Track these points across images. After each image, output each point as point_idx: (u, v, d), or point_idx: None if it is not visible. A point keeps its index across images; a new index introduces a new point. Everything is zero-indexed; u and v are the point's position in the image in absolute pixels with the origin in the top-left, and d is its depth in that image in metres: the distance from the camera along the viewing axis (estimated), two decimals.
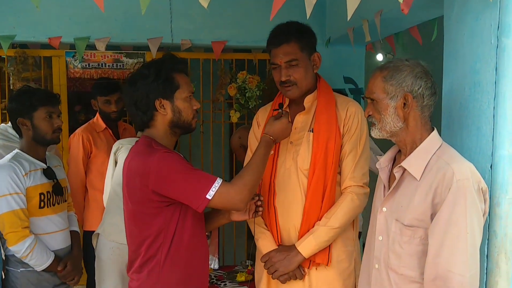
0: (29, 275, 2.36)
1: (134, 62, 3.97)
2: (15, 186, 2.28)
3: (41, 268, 2.35)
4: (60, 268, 2.41)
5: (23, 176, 2.31)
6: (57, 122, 2.46)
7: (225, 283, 3.47)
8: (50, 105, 2.44)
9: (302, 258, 2.04)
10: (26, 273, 2.36)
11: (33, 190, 2.35)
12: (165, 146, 1.86)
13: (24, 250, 2.28)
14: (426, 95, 1.58)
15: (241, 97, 3.97)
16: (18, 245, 2.27)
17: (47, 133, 2.42)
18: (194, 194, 1.75)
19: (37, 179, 2.38)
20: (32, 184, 2.35)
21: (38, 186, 2.38)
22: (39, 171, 2.42)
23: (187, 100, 1.88)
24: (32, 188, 2.35)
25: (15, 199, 2.28)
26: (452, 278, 1.44)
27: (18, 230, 2.27)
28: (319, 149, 2.05)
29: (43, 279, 2.39)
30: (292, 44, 2.03)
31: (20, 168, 2.31)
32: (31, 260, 2.31)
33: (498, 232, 1.55)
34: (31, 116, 2.39)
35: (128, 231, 1.93)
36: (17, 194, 2.29)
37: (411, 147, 1.62)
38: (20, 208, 2.29)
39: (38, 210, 2.38)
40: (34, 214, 2.36)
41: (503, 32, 1.52)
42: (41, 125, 2.40)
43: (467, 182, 1.45)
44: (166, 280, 1.83)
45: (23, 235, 2.28)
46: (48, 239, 2.41)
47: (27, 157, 2.40)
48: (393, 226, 1.61)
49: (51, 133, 2.44)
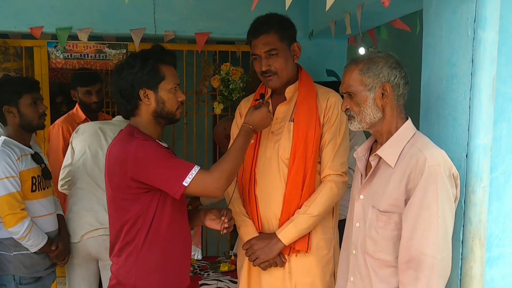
0: (22, 258, 2.44)
1: (117, 53, 3.95)
2: (10, 170, 2.36)
3: (36, 248, 2.42)
4: (54, 247, 2.49)
5: (16, 160, 2.39)
6: (42, 107, 2.53)
7: (209, 273, 3.50)
8: (34, 92, 2.50)
9: (282, 245, 2.08)
10: (19, 256, 2.43)
11: (26, 174, 2.44)
12: (147, 135, 1.89)
13: (23, 231, 2.35)
14: (401, 85, 1.62)
15: (225, 89, 3.98)
16: (17, 226, 2.34)
17: (33, 119, 2.49)
18: (171, 180, 1.78)
19: (28, 163, 2.47)
20: (25, 168, 2.44)
21: (30, 170, 2.46)
22: (29, 156, 2.48)
23: (171, 92, 1.91)
24: (25, 172, 2.43)
25: (11, 182, 2.36)
26: (424, 260, 1.49)
27: (17, 212, 2.34)
28: (299, 138, 2.08)
29: (35, 261, 2.46)
30: (271, 34, 2.07)
31: (12, 153, 2.39)
32: (29, 241, 2.39)
33: (473, 218, 1.60)
34: (17, 103, 2.44)
35: (109, 216, 1.97)
36: (13, 177, 2.37)
37: (387, 136, 1.66)
38: (16, 191, 2.37)
39: (31, 193, 2.46)
40: (28, 197, 2.44)
41: (479, 25, 1.56)
42: (27, 112, 2.47)
43: (438, 168, 1.50)
44: (143, 264, 1.88)
45: (21, 216, 2.35)
46: (41, 221, 2.48)
47: (15, 143, 2.47)
48: (370, 213, 1.66)
49: (37, 118, 2.51)
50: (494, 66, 1.56)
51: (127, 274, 1.90)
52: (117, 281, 1.93)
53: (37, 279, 2.50)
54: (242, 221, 2.19)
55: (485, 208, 1.60)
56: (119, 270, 1.92)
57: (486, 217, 1.60)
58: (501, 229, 1.66)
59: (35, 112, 2.49)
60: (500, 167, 1.64)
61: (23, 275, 2.45)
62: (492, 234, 1.64)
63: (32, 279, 2.47)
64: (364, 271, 1.68)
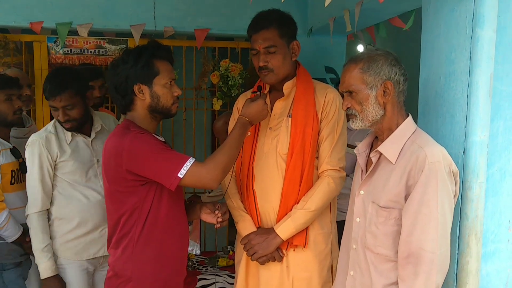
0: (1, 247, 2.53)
1: (116, 48, 3.95)
2: None
3: (12, 239, 2.51)
4: (28, 239, 2.51)
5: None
6: (17, 103, 2.59)
7: (207, 268, 3.52)
8: (8, 88, 2.56)
9: (280, 240, 2.10)
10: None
11: (6, 167, 2.51)
12: (144, 129, 1.91)
13: (1, 222, 2.43)
14: (401, 81, 1.64)
15: (224, 85, 3.99)
16: None
17: (7, 115, 2.56)
18: (166, 172, 1.80)
19: (8, 157, 2.54)
20: (5, 161, 2.52)
21: (10, 163, 2.54)
22: (8, 150, 2.56)
23: (166, 86, 1.92)
24: (5, 165, 2.51)
25: None
26: (423, 255, 1.51)
27: None
28: (297, 134, 2.10)
29: (12, 249, 2.55)
30: (271, 30, 2.07)
31: None
32: (6, 231, 2.48)
33: (470, 214, 1.62)
34: None
35: (106, 209, 2.00)
36: None
37: (388, 133, 1.68)
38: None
39: (10, 186, 2.53)
40: (7, 190, 2.52)
41: (477, 23, 1.57)
42: (1, 108, 2.53)
43: (438, 165, 1.51)
44: (139, 256, 1.90)
45: (0, 207, 2.44)
46: (17, 213, 2.54)
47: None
48: (370, 208, 1.68)
49: (12, 114, 2.57)
50: (492, 64, 1.58)
51: (124, 266, 1.92)
52: (114, 273, 1.95)
53: (18, 264, 2.60)
54: (240, 216, 2.21)
55: (481, 204, 1.62)
56: (116, 262, 1.94)
57: (482, 213, 1.62)
58: (497, 225, 1.69)
59: (9, 108, 2.54)
60: (496, 164, 1.66)
61: (4, 261, 2.56)
62: (488, 230, 1.67)
63: (13, 265, 2.58)
64: (364, 265, 1.70)
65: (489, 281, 1.69)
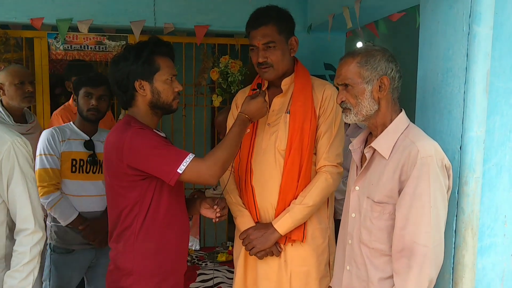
0: (56, 229, 2.69)
1: (116, 44, 3.96)
2: (49, 148, 2.62)
3: (64, 223, 2.63)
4: (81, 227, 2.64)
5: (59, 142, 2.65)
6: (92, 102, 2.72)
7: (206, 263, 3.55)
8: (89, 86, 2.72)
9: (278, 235, 2.12)
10: (54, 226, 2.69)
11: (66, 155, 2.66)
12: (145, 125, 1.93)
13: (47, 203, 2.59)
14: (396, 78, 1.66)
15: (223, 81, 4.00)
16: (43, 198, 2.57)
17: (83, 111, 2.73)
18: (166, 168, 1.82)
19: (73, 146, 2.69)
20: (67, 150, 2.67)
21: (72, 152, 2.68)
22: (79, 141, 2.68)
23: (167, 82, 1.94)
24: (66, 153, 2.66)
25: (47, 159, 2.61)
26: (417, 249, 1.52)
27: (44, 185, 2.58)
28: (295, 130, 2.12)
29: (66, 234, 2.67)
30: (270, 26, 2.09)
31: (59, 135, 2.66)
32: (55, 214, 2.62)
33: (466, 209, 1.64)
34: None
35: (107, 203, 2.02)
36: (50, 155, 2.62)
37: (381, 128, 1.69)
38: (50, 167, 2.61)
39: (70, 173, 2.67)
40: (67, 176, 2.67)
41: (474, 20, 1.59)
42: (80, 102, 2.75)
43: (430, 159, 1.53)
44: (140, 250, 1.92)
45: (47, 190, 2.59)
46: (81, 200, 2.68)
47: (74, 128, 2.73)
48: (365, 203, 1.69)
49: (86, 110, 2.72)
50: (488, 61, 1.60)
51: (125, 259, 1.94)
52: (115, 266, 1.97)
53: (70, 251, 2.69)
54: (239, 211, 2.23)
55: (477, 199, 1.64)
56: (117, 255, 1.96)
57: (478, 208, 1.64)
58: (493, 219, 1.70)
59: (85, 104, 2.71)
60: (492, 159, 1.68)
61: (55, 244, 2.69)
62: (484, 224, 1.69)
63: (64, 250, 2.69)
64: (360, 260, 1.72)
65: (485, 275, 1.71)
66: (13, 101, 2.94)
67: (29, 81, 3.02)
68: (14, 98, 2.94)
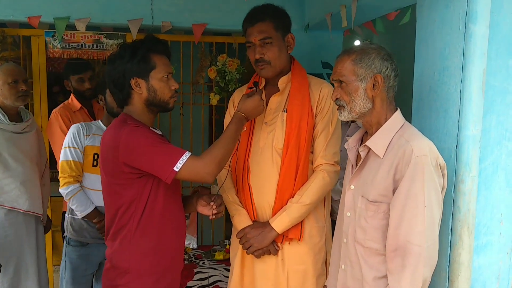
0: (72, 221, 2.83)
1: (114, 43, 3.95)
2: (74, 142, 2.77)
3: (81, 215, 2.76)
4: (96, 220, 2.75)
5: (84, 136, 2.80)
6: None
7: (204, 261, 3.55)
8: None
9: (275, 234, 2.12)
10: (70, 219, 2.83)
11: (89, 149, 2.80)
12: (141, 122, 1.93)
13: (66, 194, 2.74)
14: (392, 76, 1.65)
15: (221, 80, 4.00)
16: (62, 188, 2.76)
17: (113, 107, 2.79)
18: (162, 166, 1.82)
19: (96, 141, 2.80)
20: (90, 144, 2.80)
21: (95, 147, 2.80)
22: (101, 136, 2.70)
23: (163, 80, 1.94)
24: (89, 147, 2.80)
25: (71, 152, 2.76)
26: (410, 248, 1.52)
27: (65, 176, 2.75)
28: (292, 129, 2.12)
29: (81, 227, 2.80)
30: (266, 22, 2.10)
31: (84, 129, 2.82)
32: (73, 205, 2.76)
33: (462, 207, 1.64)
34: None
35: (104, 201, 2.03)
36: (74, 148, 2.77)
37: (376, 127, 1.69)
38: (73, 160, 2.76)
39: (92, 168, 2.79)
40: (88, 170, 2.80)
41: (471, 19, 1.59)
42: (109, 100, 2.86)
43: (425, 158, 1.53)
44: (136, 248, 1.92)
45: (67, 181, 2.74)
46: (93, 194, 2.79)
47: (100, 125, 2.89)
48: (359, 202, 1.69)
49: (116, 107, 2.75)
50: (484, 60, 1.61)
51: (121, 257, 1.94)
52: (111, 264, 1.97)
53: (84, 244, 2.83)
54: (236, 210, 2.23)
55: (473, 198, 1.64)
56: (114, 253, 1.97)
57: (474, 206, 1.65)
58: (489, 218, 1.71)
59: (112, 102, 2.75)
60: (488, 158, 1.69)
61: (71, 236, 2.83)
62: (480, 223, 1.70)
63: (78, 243, 2.82)
64: (355, 259, 1.72)
65: (481, 273, 1.72)
66: (7, 100, 2.92)
67: (23, 79, 3.01)
68: (8, 97, 2.92)
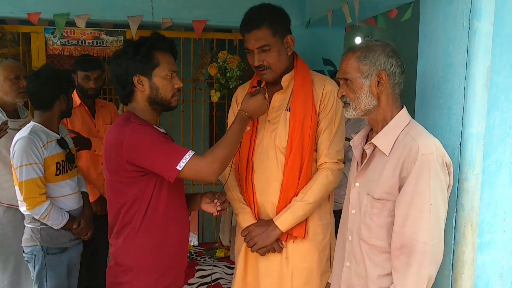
0: (48, 231, 2.61)
1: (114, 39, 3.94)
2: (34, 157, 2.50)
3: (58, 227, 2.60)
4: (75, 226, 2.65)
5: (41, 147, 2.53)
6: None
7: (205, 259, 3.55)
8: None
9: (279, 232, 2.11)
10: (46, 228, 2.61)
11: (50, 160, 2.58)
12: (144, 120, 1.93)
13: (41, 213, 2.52)
14: (397, 73, 1.64)
15: (222, 77, 3.99)
16: (36, 209, 2.51)
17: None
18: (165, 164, 1.82)
19: (53, 149, 2.60)
20: (50, 154, 2.58)
21: (54, 156, 2.60)
22: (54, 142, 2.61)
23: (166, 78, 1.94)
24: (49, 158, 2.57)
25: (34, 169, 2.50)
26: (416, 246, 1.52)
27: (36, 196, 2.51)
28: (295, 127, 2.10)
29: (60, 234, 2.63)
30: (263, 29, 2.05)
31: (38, 141, 2.53)
32: (49, 221, 2.56)
33: (466, 205, 1.64)
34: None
35: (107, 199, 2.02)
36: (36, 164, 2.51)
37: (382, 124, 1.68)
38: (38, 176, 2.51)
39: (55, 177, 2.61)
40: (51, 180, 2.60)
41: (475, 16, 1.58)
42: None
43: (431, 156, 1.52)
44: (140, 246, 1.92)
45: (40, 200, 2.51)
46: (64, 200, 2.65)
47: (43, 129, 2.61)
48: (365, 200, 1.69)
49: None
50: (489, 57, 1.60)
51: (124, 255, 1.94)
52: (115, 262, 1.97)
53: (63, 250, 2.67)
54: (241, 208, 2.22)
55: (477, 195, 1.64)
56: (117, 251, 1.96)
57: (478, 204, 1.64)
58: (492, 215, 1.71)
59: None
60: (492, 155, 1.68)
61: (49, 245, 2.63)
62: (483, 221, 1.69)
63: (58, 249, 2.65)
64: (359, 256, 1.72)
65: (485, 271, 1.72)
66: (8, 96, 2.92)
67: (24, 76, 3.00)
68: (8, 93, 2.92)
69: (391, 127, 1.65)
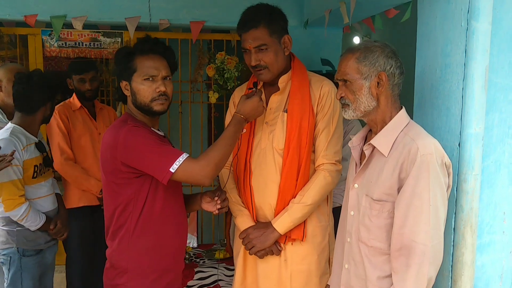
0: (24, 233, 2.61)
1: (111, 41, 3.94)
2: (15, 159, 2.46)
3: (35, 228, 2.61)
4: (52, 226, 2.68)
5: (21, 150, 2.53)
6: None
7: (204, 260, 3.54)
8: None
9: (278, 234, 2.10)
10: (22, 231, 2.61)
11: (29, 163, 2.58)
12: (141, 122, 1.94)
13: (20, 215, 2.53)
14: (396, 74, 1.63)
15: (220, 78, 3.99)
16: (14, 210, 2.52)
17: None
18: (158, 166, 1.82)
19: (31, 152, 2.61)
20: (29, 157, 2.58)
21: (33, 159, 2.61)
22: (33, 145, 2.62)
23: (144, 83, 1.92)
24: (28, 161, 2.58)
25: (14, 170, 2.50)
26: (415, 248, 1.51)
27: (15, 198, 2.51)
28: (293, 129, 2.09)
29: (36, 236, 2.65)
30: (260, 29, 2.04)
31: (18, 143, 2.53)
32: (27, 222, 2.57)
33: (465, 206, 1.63)
34: None
35: (104, 200, 2.03)
36: (16, 166, 2.50)
37: (381, 125, 1.67)
38: (17, 178, 2.52)
39: (32, 180, 2.61)
40: (28, 183, 2.60)
41: (473, 16, 1.57)
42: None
43: (430, 157, 1.51)
44: (135, 248, 1.92)
45: (19, 202, 2.52)
46: (41, 202, 2.67)
47: (23, 131, 2.60)
48: (364, 201, 1.68)
49: None
50: (487, 57, 1.58)
51: (120, 257, 1.93)
52: (111, 264, 1.97)
53: (39, 251, 2.68)
54: (239, 211, 2.21)
55: (476, 196, 1.63)
56: (113, 253, 1.96)
57: (477, 205, 1.63)
58: (492, 216, 1.69)
59: None
60: (491, 156, 1.67)
61: (26, 247, 2.63)
62: (483, 222, 1.68)
63: (34, 251, 2.65)
64: (358, 258, 1.71)
65: (484, 272, 1.71)
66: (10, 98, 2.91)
67: None
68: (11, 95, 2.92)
69: (390, 128, 1.64)
